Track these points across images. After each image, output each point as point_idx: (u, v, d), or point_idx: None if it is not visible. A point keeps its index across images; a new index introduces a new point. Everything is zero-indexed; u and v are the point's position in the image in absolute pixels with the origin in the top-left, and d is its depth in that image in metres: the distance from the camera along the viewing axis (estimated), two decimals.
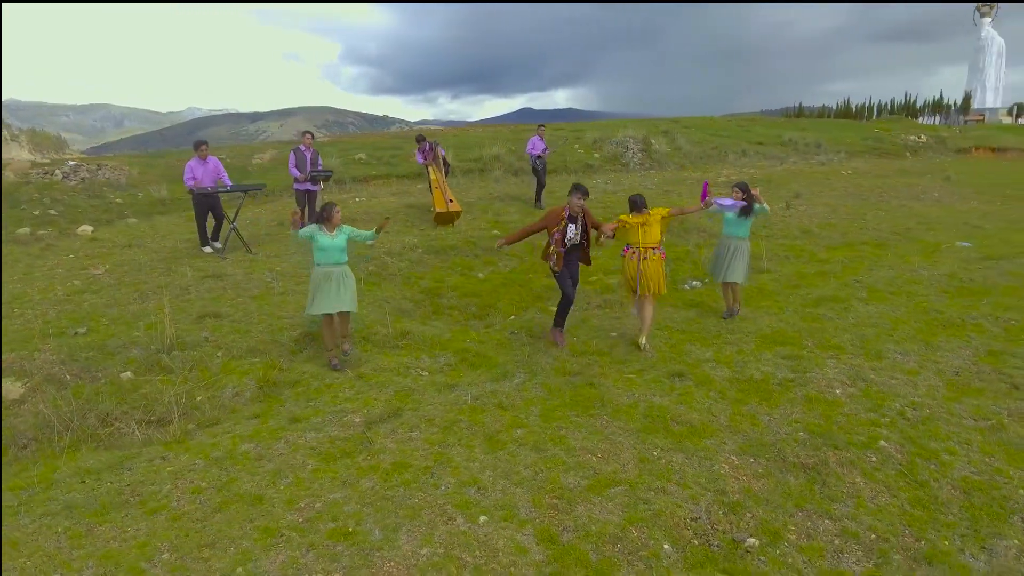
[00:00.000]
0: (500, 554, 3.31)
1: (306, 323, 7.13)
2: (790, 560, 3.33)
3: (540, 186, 12.72)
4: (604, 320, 7.56)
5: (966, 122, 43.81)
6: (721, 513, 3.71)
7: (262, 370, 6.20)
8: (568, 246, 6.31)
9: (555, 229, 6.23)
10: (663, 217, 6.48)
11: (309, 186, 10.36)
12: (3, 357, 5.96)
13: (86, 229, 11.48)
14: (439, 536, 3.47)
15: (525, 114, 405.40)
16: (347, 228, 6.29)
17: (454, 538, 3.45)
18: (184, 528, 3.73)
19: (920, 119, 47.79)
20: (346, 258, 6.28)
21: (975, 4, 51.80)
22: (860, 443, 4.38)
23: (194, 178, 9.14)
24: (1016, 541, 3.43)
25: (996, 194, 16.53)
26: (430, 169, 10.97)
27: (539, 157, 12.45)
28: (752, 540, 3.46)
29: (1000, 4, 50.62)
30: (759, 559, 3.34)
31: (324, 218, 6.18)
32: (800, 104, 64.81)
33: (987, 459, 4.15)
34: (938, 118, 49.72)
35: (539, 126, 12.94)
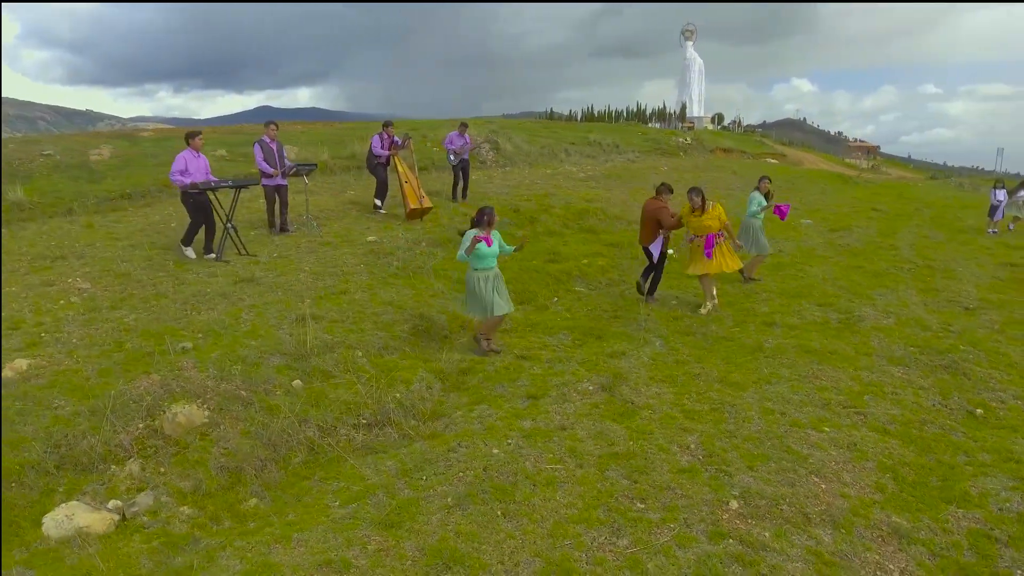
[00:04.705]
0: (870, 446, 4.39)
1: (414, 317, 7.07)
2: (1010, 415, 4.96)
3: (456, 182, 13.06)
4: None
5: (682, 127, 53.33)
6: (940, 399, 5.23)
7: (421, 364, 6.15)
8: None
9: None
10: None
11: (280, 181, 9.61)
12: (140, 381, 5.03)
13: None
14: (825, 443, 4.40)
15: (263, 113, 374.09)
16: (496, 233, 6.51)
17: (836, 441, 4.41)
18: (601, 485, 4.03)
19: (648, 124, 57.19)
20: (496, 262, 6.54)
21: (681, 27, 63.47)
22: (947, 349, 6.27)
23: (185, 172, 7.98)
24: None
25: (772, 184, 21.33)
26: (398, 163, 10.84)
27: (454, 153, 12.79)
28: (979, 411, 5.03)
29: (699, 29, 62.73)
30: (994, 416, 4.93)
31: (488, 222, 6.34)
32: (551, 109, 71.92)
33: None
34: (660, 124, 59.94)
35: (461, 123, 13.37)
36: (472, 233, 6.35)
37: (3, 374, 5.08)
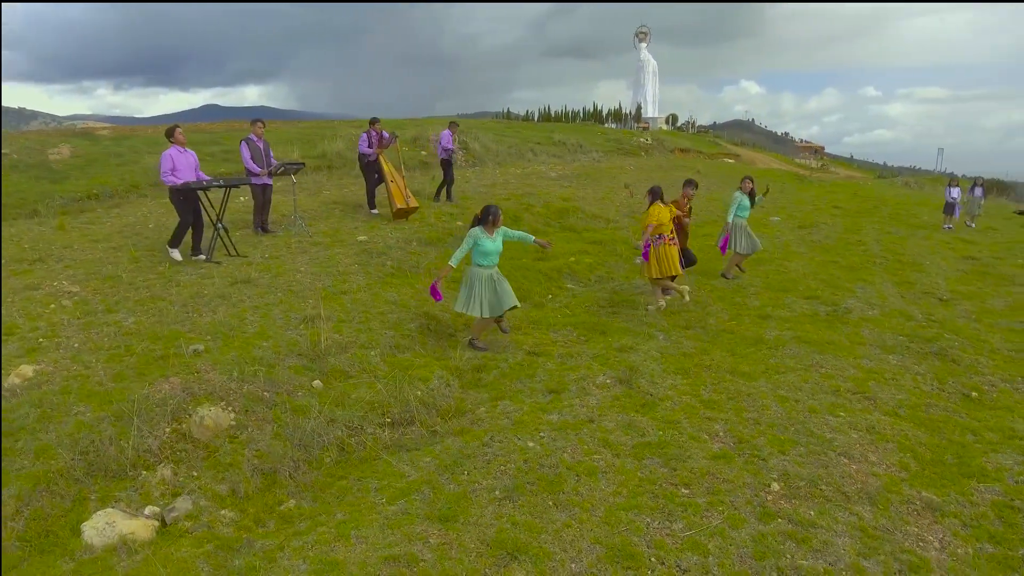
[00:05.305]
0: (886, 428, 4.64)
1: (419, 316, 7.08)
2: (1002, 397, 5.31)
3: (446, 181, 13.05)
4: (632, 291, 8.93)
5: (637, 128, 54.18)
6: (936, 383, 5.56)
7: (435, 362, 6.17)
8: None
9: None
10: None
11: (266, 180, 9.44)
12: (160, 385, 4.91)
13: None
14: (845, 427, 4.63)
15: (210, 111, 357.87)
16: (503, 229, 6.56)
17: (855, 425, 4.65)
18: (642, 473, 4.16)
19: (605, 125, 57.97)
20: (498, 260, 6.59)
21: (635, 29, 64.51)
22: (933, 337, 6.66)
23: (175, 170, 7.74)
24: None
25: (731, 184, 22.01)
26: (383, 162, 10.76)
27: (451, 152, 12.79)
28: (974, 393, 5.37)
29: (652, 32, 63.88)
30: (988, 398, 5.27)
31: (493, 221, 6.36)
32: (508, 109, 72.16)
33: (1007, 333, 6.77)
34: (616, 125, 60.83)
35: (451, 122, 13.40)
36: (476, 232, 6.39)
37: (10, 380, 4.89)
